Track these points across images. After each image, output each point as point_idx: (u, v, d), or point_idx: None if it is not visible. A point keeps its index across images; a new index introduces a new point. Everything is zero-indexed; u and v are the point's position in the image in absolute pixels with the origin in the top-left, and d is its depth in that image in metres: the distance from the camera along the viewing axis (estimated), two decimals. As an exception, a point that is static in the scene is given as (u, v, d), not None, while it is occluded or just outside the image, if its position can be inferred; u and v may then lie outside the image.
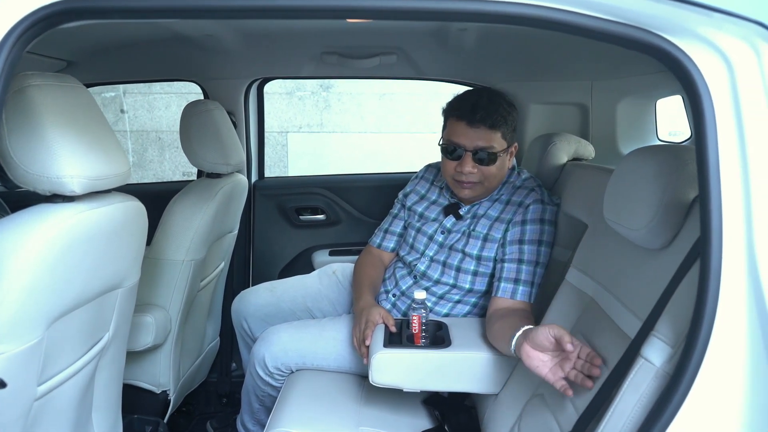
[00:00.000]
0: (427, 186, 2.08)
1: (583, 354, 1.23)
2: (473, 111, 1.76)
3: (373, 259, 2.12)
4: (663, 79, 2.03)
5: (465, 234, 1.88)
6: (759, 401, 0.87)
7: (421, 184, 2.10)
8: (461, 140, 1.78)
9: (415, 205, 2.05)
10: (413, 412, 1.76)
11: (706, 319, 0.87)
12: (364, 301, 1.88)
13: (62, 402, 1.31)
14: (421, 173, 2.14)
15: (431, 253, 1.92)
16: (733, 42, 0.87)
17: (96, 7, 0.92)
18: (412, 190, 2.11)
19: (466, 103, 1.79)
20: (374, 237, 2.17)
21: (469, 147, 1.77)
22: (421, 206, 2.03)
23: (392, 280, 2.01)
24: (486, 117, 1.75)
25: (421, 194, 2.07)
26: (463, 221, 1.90)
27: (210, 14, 1.01)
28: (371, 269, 2.07)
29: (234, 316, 2.27)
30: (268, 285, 2.31)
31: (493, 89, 1.86)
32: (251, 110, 2.69)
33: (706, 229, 0.88)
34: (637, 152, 1.22)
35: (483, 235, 1.85)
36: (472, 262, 1.86)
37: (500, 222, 1.84)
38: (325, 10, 0.95)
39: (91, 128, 1.21)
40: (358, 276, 2.05)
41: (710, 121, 0.87)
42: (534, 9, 0.89)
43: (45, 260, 1.08)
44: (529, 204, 1.81)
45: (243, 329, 2.24)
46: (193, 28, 1.91)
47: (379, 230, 2.16)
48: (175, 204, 1.97)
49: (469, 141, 1.77)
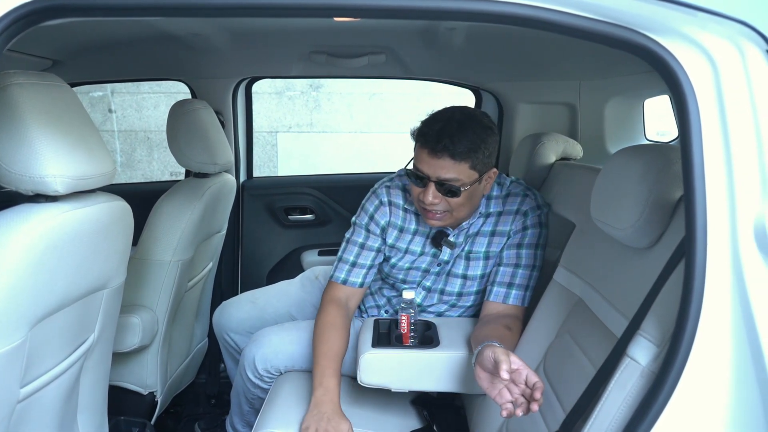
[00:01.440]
0: (400, 214, 1.82)
1: (530, 381, 1.23)
2: (437, 139, 1.56)
3: (339, 316, 1.77)
4: (651, 79, 2.04)
5: (462, 257, 1.80)
6: (743, 399, 0.87)
7: (395, 213, 1.82)
8: (424, 168, 1.60)
9: (399, 242, 1.82)
10: (402, 412, 1.75)
11: (691, 318, 0.87)
12: (324, 390, 1.61)
13: (46, 404, 1.29)
14: (383, 197, 1.84)
15: (428, 284, 1.85)
16: (717, 41, 0.87)
17: (78, 5, 0.91)
18: (388, 223, 1.83)
19: (432, 128, 1.59)
20: (345, 274, 1.83)
21: (432, 177, 1.59)
22: (404, 242, 1.82)
23: (380, 296, 1.95)
24: (449, 146, 1.55)
25: (399, 226, 1.83)
26: (457, 247, 1.80)
27: (195, 12, 1.00)
28: (336, 335, 1.73)
29: (216, 329, 2.24)
30: (250, 296, 2.25)
31: (469, 111, 1.65)
32: (239, 110, 2.68)
33: (691, 228, 0.88)
34: (624, 152, 1.23)
35: (483, 253, 1.78)
36: (475, 283, 1.80)
37: (499, 235, 1.77)
38: (311, 8, 0.94)
39: (75, 127, 1.20)
40: (322, 344, 1.71)
41: (695, 120, 0.87)
42: (520, 8, 0.89)
43: (28, 261, 1.06)
44: (527, 210, 1.76)
45: (227, 342, 2.22)
46: (180, 27, 1.89)
47: (350, 266, 1.83)
48: (162, 204, 1.96)
49: (432, 170, 1.59)
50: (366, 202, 1.87)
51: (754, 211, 0.86)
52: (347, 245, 1.86)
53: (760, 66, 0.86)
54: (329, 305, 1.80)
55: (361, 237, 1.84)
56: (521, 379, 1.24)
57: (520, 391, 1.25)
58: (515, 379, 1.25)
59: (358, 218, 1.87)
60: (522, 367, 1.25)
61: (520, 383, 1.24)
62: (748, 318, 0.85)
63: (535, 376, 1.24)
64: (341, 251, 1.87)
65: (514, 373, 1.25)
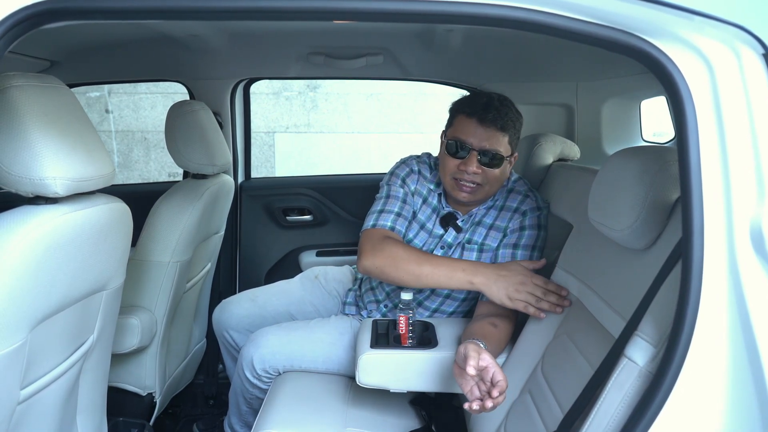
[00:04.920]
0: (427, 188, 1.90)
1: (494, 380, 1.28)
2: (485, 110, 1.69)
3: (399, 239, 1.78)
4: (647, 80, 2.04)
5: (460, 245, 1.84)
6: (740, 399, 0.88)
7: (422, 182, 1.90)
8: (469, 138, 1.70)
9: (420, 213, 1.89)
10: (400, 413, 1.76)
11: (688, 319, 0.88)
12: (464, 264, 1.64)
13: (46, 405, 1.29)
14: (413, 166, 1.91)
15: None
16: (713, 45, 0.88)
17: (78, 8, 0.92)
18: (415, 190, 1.89)
19: (478, 101, 1.73)
20: (384, 221, 1.80)
21: (476, 146, 1.70)
22: (424, 213, 1.89)
23: (381, 290, 1.98)
24: (497, 118, 1.69)
25: (423, 196, 1.89)
26: (463, 232, 1.85)
27: (194, 15, 1.00)
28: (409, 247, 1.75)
29: (215, 326, 2.25)
30: (250, 294, 2.27)
31: (505, 96, 1.79)
32: (237, 110, 2.68)
33: (687, 229, 0.89)
34: (621, 153, 1.23)
35: (479, 245, 1.82)
36: None
37: (496, 230, 1.82)
38: (311, 11, 0.95)
39: (75, 129, 1.20)
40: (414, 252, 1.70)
41: (692, 123, 0.88)
42: (516, 11, 0.90)
43: (27, 263, 1.07)
44: (526, 210, 1.79)
45: (226, 340, 2.22)
46: (178, 29, 1.90)
47: (386, 213, 1.81)
48: (161, 205, 1.96)
49: (477, 140, 1.70)
50: (396, 169, 1.93)
51: (750, 213, 0.86)
52: (387, 199, 1.84)
53: (757, 69, 0.87)
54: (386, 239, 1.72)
55: (401, 193, 1.85)
56: (488, 377, 1.29)
57: (486, 389, 1.30)
58: (483, 377, 1.30)
59: (389, 182, 1.90)
60: (491, 365, 1.29)
61: (488, 381, 1.29)
62: (744, 319, 0.86)
63: (500, 375, 1.28)
64: (381, 204, 1.84)
65: (483, 371, 1.29)
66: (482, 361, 1.29)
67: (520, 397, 1.48)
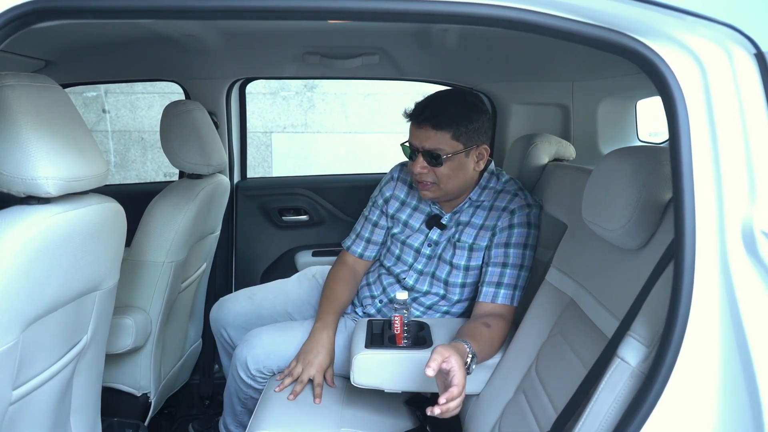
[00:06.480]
0: (405, 189, 2.01)
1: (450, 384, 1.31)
2: (420, 111, 1.75)
3: (347, 272, 2.03)
4: (643, 80, 2.02)
5: (451, 243, 1.87)
6: (731, 399, 0.88)
7: (399, 187, 2.01)
8: (413, 140, 1.78)
9: (398, 213, 1.99)
10: (395, 413, 1.76)
11: (680, 319, 0.88)
12: (322, 324, 1.85)
13: (39, 406, 1.29)
14: (395, 174, 2.05)
15: (420, 267, 1.91)
16: (706, 45, 0.88)
17: (70, 7, 0.91)
18: (392, 195, 2.02)
19: (419, 104, 1.79)
20: (350, 243, 2.08)
21: (418, 147, 1.76)
22: (404, 213, 1.98)
23: (378, 285, 1.99)
24: (430, 117, 1.72)
25: (401, 199, 2.00)
26: (447, 230, 1.89)
27: (187, 15, 1.00)
28: (343, 286, 1.99)
29: (213, 324, 2.25)
30: (248, 292, 2.27)
31: (462, 91, 1.85)
32: (233, 110, 2.68)
33: (679, 229, 0.89)
34: (615, 153, 1.23)
35: (469, 244, 1.83)
36: (460, 273, 1.85)
37: (485, 230, 1.83)
38: (305, 11, 0.95)
39: (67, 129, 1.20)
40: (328, 290, 1.97)
41: (684, 122, 0.88)
42: (509, 11, 0.90)
43: (19, 263, 1.06)
44: (515, 208, 1.80)
45: (223, 337, 2.22)
46: (173, 28, 1.89)
47: (356, 236, 2.07)
48: (156, 205, 1.95)
49: (418, 141, 1.76)
50: (383, 179, 2.09)
51: (741, 213, 0.86)
52: (365, 222, 2.07)
53: (748, 69, 0.87)
54: (338, 264, 2.07)
55: (374, 215, 2.05)
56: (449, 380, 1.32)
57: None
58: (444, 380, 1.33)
59: (373, 196, 2.09)
60: (455, 370, 1.31)
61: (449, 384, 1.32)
62: (735, 319, 0.86)
63: (457, 380, 1.30)
64: (360, 225, 2.08)
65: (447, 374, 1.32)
66: (446, 364, 1.32)
67: (515, 397, 1.48)
